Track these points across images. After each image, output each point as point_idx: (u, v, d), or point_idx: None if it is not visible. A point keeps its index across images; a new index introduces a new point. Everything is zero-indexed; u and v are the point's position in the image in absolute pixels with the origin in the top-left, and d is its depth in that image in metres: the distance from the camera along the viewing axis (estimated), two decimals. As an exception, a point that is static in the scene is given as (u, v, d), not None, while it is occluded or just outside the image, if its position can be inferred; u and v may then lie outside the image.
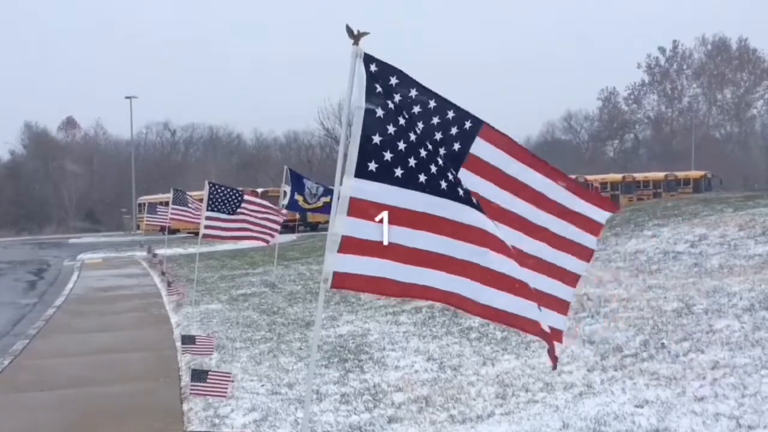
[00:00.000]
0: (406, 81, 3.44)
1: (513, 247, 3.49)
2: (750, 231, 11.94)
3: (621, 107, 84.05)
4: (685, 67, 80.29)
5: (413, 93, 3.46)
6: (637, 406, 5.33)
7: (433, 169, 3.36)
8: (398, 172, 3.32)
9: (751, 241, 11.26)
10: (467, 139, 3.53)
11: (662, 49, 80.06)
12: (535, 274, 3.64)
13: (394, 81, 3.40)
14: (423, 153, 3.36)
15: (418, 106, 3.46)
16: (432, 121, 3.48)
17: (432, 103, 3.49)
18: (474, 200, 3.43)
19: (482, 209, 3.44)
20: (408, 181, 3.34)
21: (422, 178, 3.35)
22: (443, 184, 3.36)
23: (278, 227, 12.59)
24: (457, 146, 3.51)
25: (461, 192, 3.39)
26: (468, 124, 3.53)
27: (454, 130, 3.51)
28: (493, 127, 3.60)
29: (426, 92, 3.49)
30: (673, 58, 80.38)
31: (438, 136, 3.48)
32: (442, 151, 3.46)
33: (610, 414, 5.25)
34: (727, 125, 79.29)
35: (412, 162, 3.34)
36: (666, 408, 5.21)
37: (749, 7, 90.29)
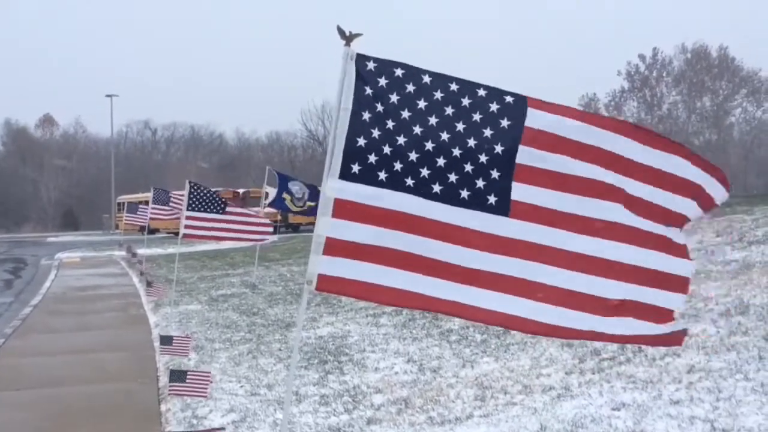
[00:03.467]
0: (411, 73, 3.30)
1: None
2: (727, 237, 12.10)
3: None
4: (665, 74, 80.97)
5: (412, 89, 3.28)
6: (613, 409, 5.39)
7: (424, 172, 3.26)
8: (382, 175, 3.26)
9: (728, 247, 11.40)
10: (516, 112, 3.28)
11: (642, 57, 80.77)
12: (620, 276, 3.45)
13: (384, 82, 3.28)
14: (413, 156, 3.27)
15: (423, 101, 3.28)
16: (445, 113, 3.28)
17: (450, 88, 3.30)
18: (491, 201, 3.27)
19: (508, 209, 3.26)
20: (392, 184, 3.27)
21: (409, 181, 3.26)
22: (436, 188, 3.26)
23: (269, 227, 12.47)
24: (505, 123, 3.28)
25: (465, 195, 3.27)
26: (509, 99, 3.30)
27: (494, 107, 3.29)
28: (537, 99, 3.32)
29: (443, 78, 3.31)
30: (653, 65, 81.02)
31: (449, 132, 3.26)
32: (457, 148, 3.26)
33: (587, 416, 5.30)
34: (706, 132, 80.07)
35: (397, 166, 3.26)
36: (642, 411, 5.26)
37: (730, 15, 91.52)
